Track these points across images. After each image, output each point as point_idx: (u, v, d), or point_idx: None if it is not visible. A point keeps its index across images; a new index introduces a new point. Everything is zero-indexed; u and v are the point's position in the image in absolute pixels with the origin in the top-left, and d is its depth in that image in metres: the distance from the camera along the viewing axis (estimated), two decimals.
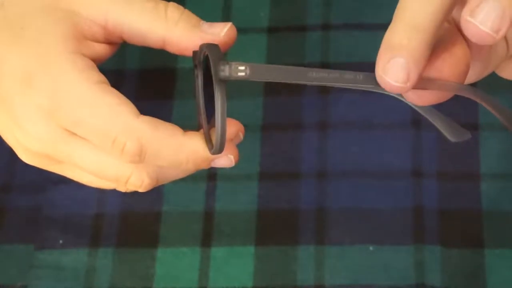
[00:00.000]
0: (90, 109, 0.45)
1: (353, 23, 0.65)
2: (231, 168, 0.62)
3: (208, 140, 0.46)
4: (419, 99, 0.43)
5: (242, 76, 0.42)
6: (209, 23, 0.47)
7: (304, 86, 0.63)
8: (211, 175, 0.62)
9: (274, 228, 0.60)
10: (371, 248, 0.59)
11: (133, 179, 0.47)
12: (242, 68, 0.42)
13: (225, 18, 0.65)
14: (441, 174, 0.60)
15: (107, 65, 0.49)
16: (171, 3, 0.47)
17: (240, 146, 0.61)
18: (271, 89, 0.64)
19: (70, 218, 0.62)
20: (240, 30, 0.65)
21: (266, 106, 0.63)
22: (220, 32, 0.47)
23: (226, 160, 0.47)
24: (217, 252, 0.60)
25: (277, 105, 0.63)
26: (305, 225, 0.60)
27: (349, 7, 0.65)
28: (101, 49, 0.48)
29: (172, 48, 0.47)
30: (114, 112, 0.45)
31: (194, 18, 0.47)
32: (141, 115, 0.45)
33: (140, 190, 0.48)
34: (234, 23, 0.66)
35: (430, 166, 0.61)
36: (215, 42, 0.46)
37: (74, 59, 0.45)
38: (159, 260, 0.60)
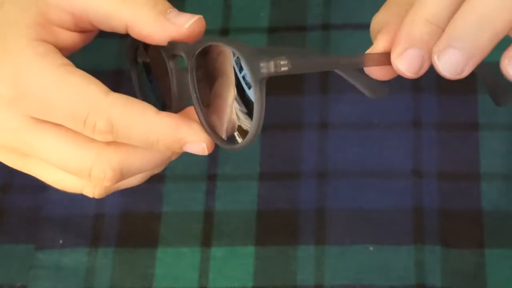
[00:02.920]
0: (57, 92, 0.44)
1: (353, 23, 0.65)
2: (231, 168, 0.62)
3: (211, 132, 0.46)
4: (383, 75, 0.44)
5: (285, 71, 0.41)
6: (177, 12, 0.46)
7: (304, 86, 0.63)
8: (211, 175, 0.62)
9: (274, 228, 0.60)
10: (371, 248, 0.59)
11: (95, 171, 0.46)
12: (285, 62, 0.41)
13: (225, 18, 0.65)
14: (441, 174, 0.60)
15: (107, 65, 0.49)
16: None
17: None
18: (271, 89, 0.63)
19: (70, 218, 0.62)
20: (240, 30, 0.65)
21: (266, 106, 0.63)
22: (184, 23, 0.46)
23: (198, 147, 0.46)
24: (217, 252, 0.60)
25: (277, 105, 0.63)
26: (305, 225, 0.60)
27: (349, 7, 0.65)
28: (72, 37, 0.47)
29: (134, 34, 0.46)
30: (82, 92, 0.44)
31: (161, 3, 0.46)
32: (112, 92, 0.44)
33: (104, 184, 0.47)
34: (234, 23, 0.66)
35: (430, 166, 0.60)
36: (178, 34, 0.45)
37: (35, 45, 0.45)
38: (159, 260, 0.60)
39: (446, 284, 0.57)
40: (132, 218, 0.61)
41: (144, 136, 0.45)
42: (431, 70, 0.64)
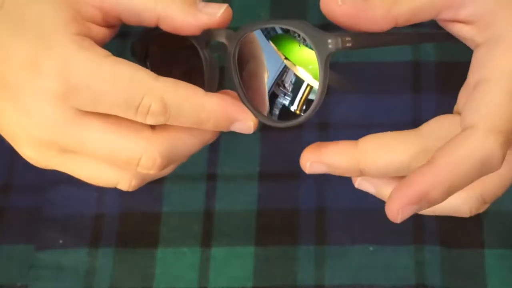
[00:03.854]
0: (110, 81, 0.45)
1: None
2: (231, 168, 0.62)
3: (255, 111, 0.47)
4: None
5: (348, 47, 0.44)
6: (204, 2, 0.47)
7: None
8: (211, 175, 0.62)
9: (274, 228, 0.60)
10: (371, 248, 0.59)
11: (145, 159, 0.47)
12: (349, 39, 0.44)
13: None
14: None
15: None
16: None
17: (240, 146, 0.61)
18: None
19: (70, 218, 0.62)
20: None
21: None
22: (217, 12, 0.47)
23: (245, 124, 0.48)
24: (217, 252, 0.60)
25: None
26: (305, 225, 0.60)
27: None
28: (100, 32, 0.48)
29: (166, 26, 0.47)
30: (134, 78, 0.45)
31: None
32: (161, 77, 0.46)
33: (152, 172, 0.47)
34: (234, 23, 0.66)
35: None
36: (211, 22, 0.47)
37: (77, 40, 0.45)
38: (159, 260, 0.60)
39: (446, 284, 0.57)
40: (132, 218, 0.61)
41: (195, 115, 0.46)
42: (431, 70, 0.64)
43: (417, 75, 0.63)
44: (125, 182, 0.49)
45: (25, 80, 0.45)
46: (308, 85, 0.48)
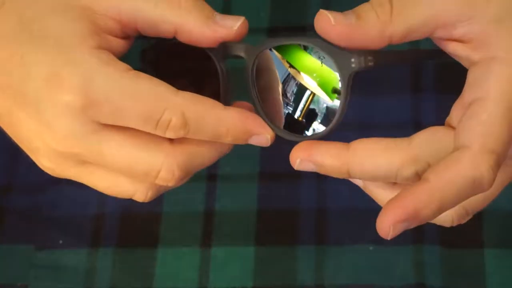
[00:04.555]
0: (131, 95, 0.45)
1: None
2: (231, 168, 0.62)
3: (272, 125, 0.48)
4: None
5: (370, 66, 0.45)
6: (221, 15, 0.47)
7: None
8: (211, 175, 0.62)
9: (274, 228, 0.60)
10: (371, 248, 0.59)
11: (164, 172, 0.47)
12: (371, 58, 0.45)
13: None
14: None
15: None
16: None
17: (240, 146, 0.61)
18: None
19: (70, 218, 0.62)
20: None
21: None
22: (234, 26, 0.47)
23: (263, 138, 0.48)
24: (217, 252, 0.60)
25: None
26: (305, 225, 0.60)
27: (348, 6, 0.65)
28: (118, 44, 0.48)
29: (183, 38, 0.47)
30: (155, 92, 0.45)
31: (207, 8, 0.47)
32: (180, 91, 0.46)
33: (171, 185, 0.48)
34: None
35: None
36: (228, 35, 0.47)
37: (97, 53, 0.45)
38: (159, 260, 0.60)
39: (445, 284, 0.57)
40: (132, 218, 0.61)
41: (214, 128, 0.46)
42: (431, 70, 0.64)
43: (417, 75, 0.63)
44: (142, 193, 0.49)
45: (46, 94, 0.45)
46: (324, 101, 0.48)
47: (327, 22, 0.45)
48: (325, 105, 0.48)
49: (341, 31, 0.44)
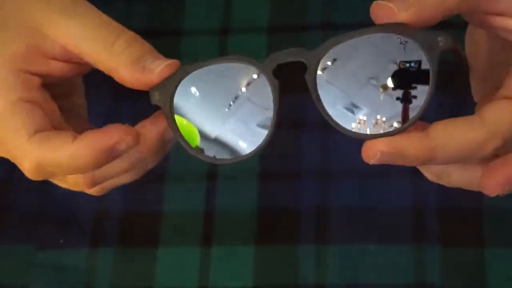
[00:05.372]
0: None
1: (352, 22, 0.65)
2: (231, 168, 0.62)
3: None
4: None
5: (454, 44, 0.46)
6: (154, 56, 0.47)
7: (306, 85, 0.63)
8: (211, 175, 0.62)
9: (275, 228, 0.60)
10: (371, 247, 0.59)
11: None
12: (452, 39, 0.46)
13: (225, 18, 0.65)
14: None
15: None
16: (129, 34, 0.47)
17: None
18: None
19: (70, 218, 0.62)
20: (240, 30, 0.65)
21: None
22: (155, 69, 0.47)
23: (123, 146, 0.46)
24: (218, 251, 0.60)
25: (278, 104, 0.63)
26: (306, 224, 0.60)
27: (349, 6, 0.65)
28: (62, 68, 0.48)
29: (117, 79, 0.48)
30: (11, 133, 0.46)
31: (139, 51, 0.47)
32: (34, 135, 0.46)
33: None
34: (234, 23, 0.66)
35: None
36: (149, 80, 0.46)
37: (20, 77, 0.47)
38: (160, 260, 0.60)
39: (446, 283, 0.57)
40: (132, 218, 0.61)
41: (71, 167, 0.47)
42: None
43: None
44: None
45: None
46: (412, 87, 0.47)
47: (391, 12, 0.45)
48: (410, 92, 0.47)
49: (407, 15, 0.45)
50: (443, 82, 0.51)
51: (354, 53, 0.47)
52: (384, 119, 0.47)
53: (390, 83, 0.47)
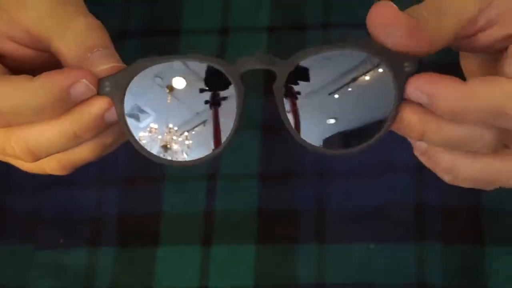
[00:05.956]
0: None
1: (353, 22, 0.65)
2: (231, 168, 0.62)
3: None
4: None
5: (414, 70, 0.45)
6: (105, 52, 0.47)
7: None
8: (211, 175, 0.62)
9: (275, 227, 0.60)
10: (371, 246, 0.59)
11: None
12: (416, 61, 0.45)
13: (224, 17, 0.65)
14: None
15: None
16: (85, 22, 0.48)
17: (240, 146, 0.61)
18: (271, 89, 0.63)
19: (70, 218, 0.62)
20: (240, 29, 0.65)
21: (266, 105, 0.63)
22: (98, 66, 0.47)
23: (82, 87, 0.46)
24: (218, 251, 0.60)
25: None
26: (306, 223, 0.60)
27: (349, 6, 0.65)
28: (20, 52, 0.49)
29: (63, 63, 0.48)
30: None
31: (94, 40, 0.47)
32: None
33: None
34: (233, 22, 0.66)
35: None
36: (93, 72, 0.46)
37: None
38: (160, 260, 0.60)
39: (447, 282, 0.57)
40: (132, 217, 0.61)
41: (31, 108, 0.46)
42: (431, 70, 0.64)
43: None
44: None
45: None
46: (371, 108, 0.47)
47: (392, 12, 0.45)
48: (369, 112, 0.47)
49: (406, 25, 0.44)
50: None
51: (325, 66, 0.47)
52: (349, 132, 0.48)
53: (353, 99, 0.47)
